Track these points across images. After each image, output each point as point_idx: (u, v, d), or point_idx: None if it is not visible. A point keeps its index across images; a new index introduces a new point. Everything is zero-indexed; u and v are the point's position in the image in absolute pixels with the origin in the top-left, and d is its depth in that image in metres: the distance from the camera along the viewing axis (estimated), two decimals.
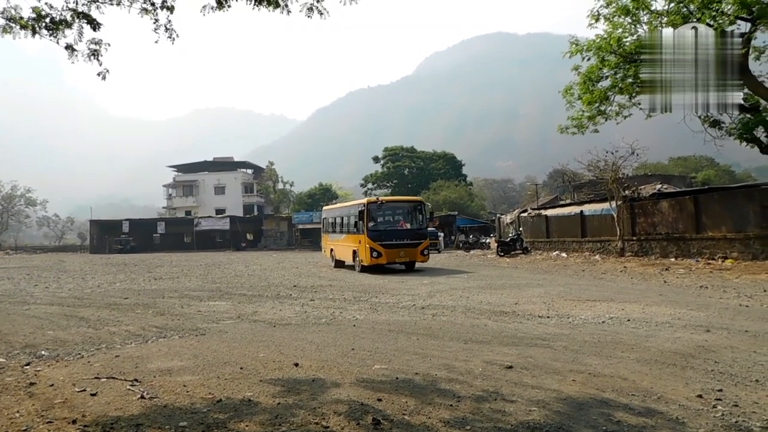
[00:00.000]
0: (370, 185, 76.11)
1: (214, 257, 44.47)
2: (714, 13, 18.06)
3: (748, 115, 20.74)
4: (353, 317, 10.59)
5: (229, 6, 7.14)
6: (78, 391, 5.73)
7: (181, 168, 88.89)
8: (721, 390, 5.33)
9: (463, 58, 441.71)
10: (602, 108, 22.24)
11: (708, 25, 18.09)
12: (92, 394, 5.60)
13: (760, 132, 20.62)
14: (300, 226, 67.37)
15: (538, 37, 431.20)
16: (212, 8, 7.11)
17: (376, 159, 78.84)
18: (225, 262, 35.74)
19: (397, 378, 5.94)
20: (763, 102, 20.09)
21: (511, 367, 6.28)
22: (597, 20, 20.67)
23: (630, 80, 21.15)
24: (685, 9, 18.84)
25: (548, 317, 10.00)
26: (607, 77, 21.44)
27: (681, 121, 21.64)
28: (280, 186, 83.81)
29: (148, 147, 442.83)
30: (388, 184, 74.53)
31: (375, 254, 21.98)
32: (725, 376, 5.84)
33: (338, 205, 31.79)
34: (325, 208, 32.16)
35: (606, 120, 22.79)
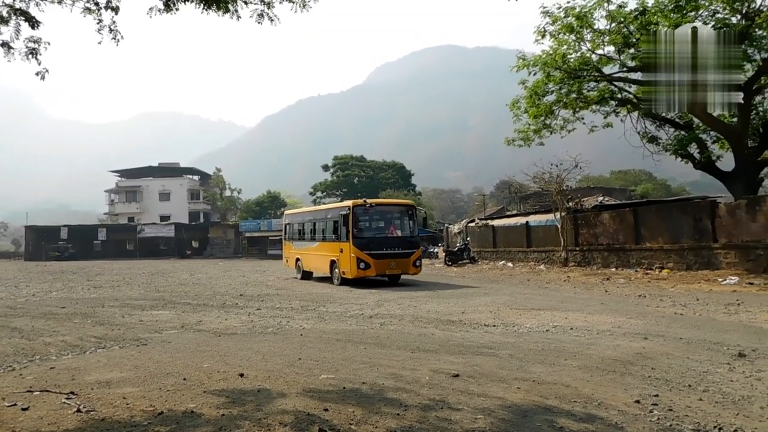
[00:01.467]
0: (319, 194, 75.83)
1: (157, 265, 43.26)
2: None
3: (682, 132, 21.75)
4: (300, 326, 10.48)
5: (177, 9, 7.00)
6: (8, 406, 5.44)
7: (125, 173, 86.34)
8: (657, 395, 5.53)
9: (414, 69, 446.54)
10: (547, 122, 22.95)
11: None
12: (23, 409, 5.33)
13: (693, 148, 21.65)
14: (248, 234, 66.39)
15: (486, 51, 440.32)
16: (159, 10, 6.96)
17: (325, 167, 78.66)
18: (169, 270, 34.81)
19: (344, 387, 5.91)
20: (696, 120, 21.10)
21: (457, 375, 6.33)
22: (543, 37, 21.31)
23: (574, 95, 21.91)
24: (625, 29, 19.63)
25: (494, 326, 10.16)
26: (552, 92, 22.13)
27: (621, 137, 22.57)
28: (227, 193, 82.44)
29: (89, 151, 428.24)
30: (337, 193, 74.42)
31: (362, 265, 19.13)
32: (661, 381, 6.06)
33: (308, 208, 28.30)
34: (287, 212, 29.08)
35: (551, 133, 23.51)
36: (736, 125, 19.84)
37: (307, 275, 24.03)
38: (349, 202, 20.02)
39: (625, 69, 20.93)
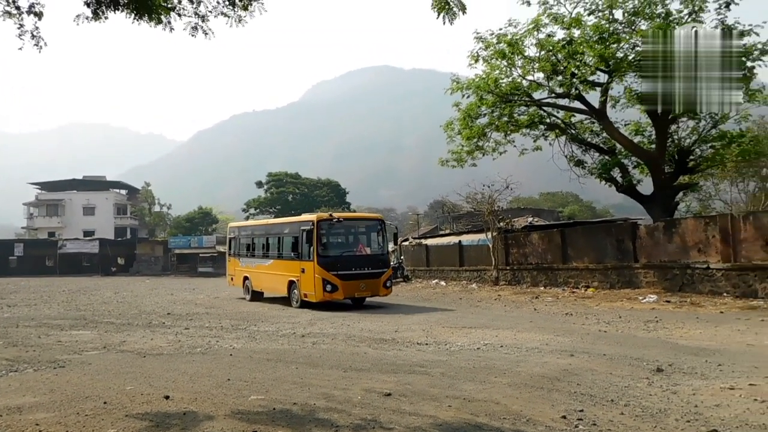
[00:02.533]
0: (252, 210, 74.58)
1: (79, 282, 41.21)
2: (578, 63, 19.80)
3: (606, 157, 22.81)
4: (230, 346, 10.21)
5: (105, 17, 6.77)
6: None
7: (46, 186, 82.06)
8: (582, 410, 5.70)
9: (350, 88, 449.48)
10: (480, 143, 23.55)
11: (573, 74, 19.84)
12: None
13: (616, 172, 22.72)
14: (177, 251, 64.33)
15: (422, 72, 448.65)
16: (87, 18, 6.72)
17: (259, 184, 77.56)
18: (92, 287, 33.22)
19: (274, 408, 5.78)
20: (618, 145, 22.19)
21: (389, 394, 6.32)
22: (476, 61, 21.95)
23: (505, 119, 22.60)
24: (554, 57, 20.49)
25: (427, 344, 10.23)
26: (485, 115, 22.75)
27: (550, 160, 23.42)
28: (156, 208, 79.80)
29: (9, 162, 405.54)
30: (271, 210, 73.45)
31: (329, 287, 17.16)
32: (586, 397, 6.26)
33: (260, 221, 26.06)
34: (233, 224, 26.58)
35: (483, 155, 24.13)
36: (654, 152, 20.98)
37: (257, 295, 21.85)
38: (312, 216, 18.13)
39: (553, 95, 21.81)
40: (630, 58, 19.94)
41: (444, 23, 6.30)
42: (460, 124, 23.13)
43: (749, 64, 18.12)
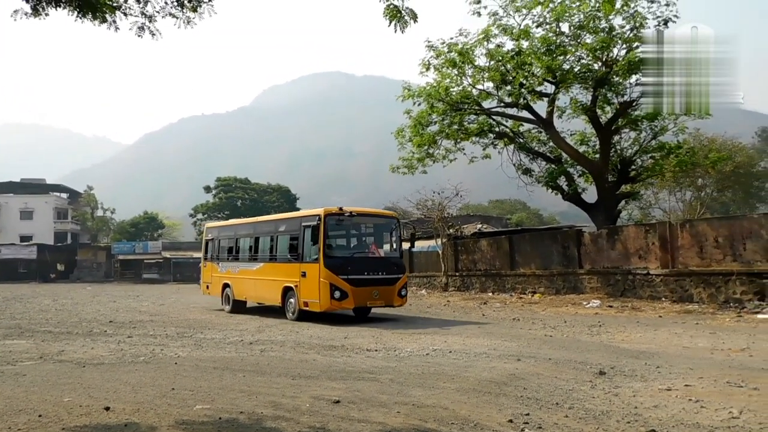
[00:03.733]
0: (200, 216, 73.13)
1: (15, 290, 39.39)
2: (526, 74, 20.31)
3: (553, 166, 23.43)
4: (175, 354, 9.95)
5: (46, 14, 6.51)
6: None
7: None
8: (528, 414, 5.80)
9: (302, 93, 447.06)
10: (430, 151, 23.80)
11: (521, 84, 20.34)
12: None
13: (562, 181, 23.36)
14: (121, 257, 62.44)
15: (375, 79, 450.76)
16: (26, 14, 6.44)
17: (207, 189, 76.16)
18: (29, 295, 31.81)
19: (220, 418, 5.66)
20: (564, 155, 22.83)
21: (338, 401, 6.28)
22: (428, 69, 22.21)
23: (455, 127, 22.92)
24: (503, 67, 20.94)
25: (376, 350, 10.22)
26: (435, 123, 23.02)
27: (499, 168, 23.87)
28: (99, 213, 77.23)
29: None
30: (219, 215, 72.22)
31: (337, 294, 14.70)
32: (532, 400, 6.37)
33: (245, 220, 22.55)
34: (211, 225, 24.15)
35: (434, 162, 24.38)
36: (598, 161, 21.68)
37: (239, 306, 19.34)
38: (319, 210, 15.53)
39: (502, 104, 22.27)
40: (576, 70, 20.58)
41: (395, 31, 6.33)
42: (411, 132, 23.35)
43: None
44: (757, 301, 15.68)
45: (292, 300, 16.17)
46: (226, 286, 19.89)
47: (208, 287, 21.64)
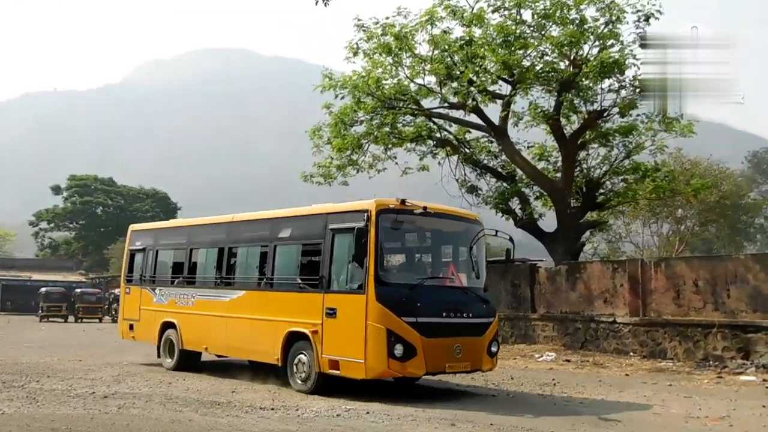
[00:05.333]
0: (44, 224, 70.35)
1: None
2: (477, 69, 20.84)
3: (504, 184, 24.06)
4: None
5: None
6: None
7: None
8: None
9: (191, 73, 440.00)
10: (354, 157, 23.80)
11: (470, 81, 20.85)
12: None
13: (515, 203, 23.97)
14: None
15: (287, 62, 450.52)
16: None
17: (57, 189, 73.54)
18: None
19: None
20: (519, 171, 23.50)
21: None
22: (355, 54, 22.36)
23: (387, 129, 23.05)
24: (449, 59, 21.41)
25: (272, 409, 10.17)
26: (362, 122, 23.11)
27: (438, 183, 24.23)
28: None
29: None
30: (71, 225, 69.79)
31: (399, 350, 11.25)
32: None
33: (206, 220, 17.72)
34: (139, 227, 20.32)
35: (358, 172, 24.41)
36: (559, 182, 22.46)
37: (190, 360, 15.89)
38: (367, 203, 12.26)
39: (446, 104, 22.68)
40: (538, 68, 21.31)
41: (317, 2, 6.46)
42: (331, 132, 23.32)
43: None
44: (740, 360, 16.63)
45: (303, 357, 12.49)
46: (167, 326, 16.27)
47: (132, 327, 17.83)
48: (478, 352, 12.38)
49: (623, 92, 21.20)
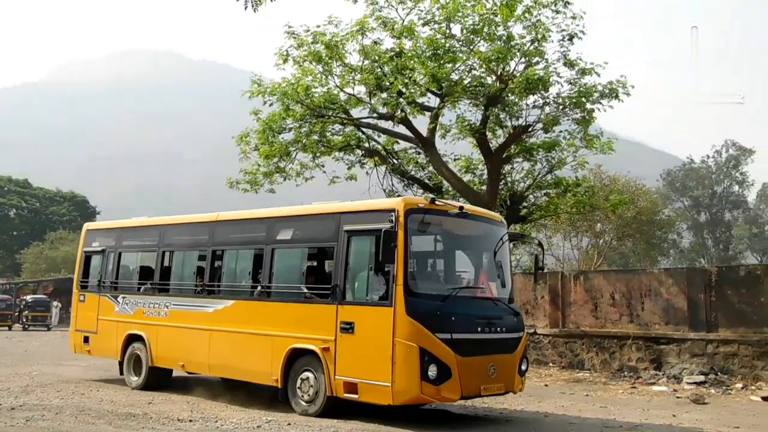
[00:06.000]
0: None
1: None
2: (406, 81, 21.01)
3: (431, 196, 24.26)
4: None
5: None
6: None
7: None
8: None
9: (117, 74, 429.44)
10: (281, 165, 23.66)
11: (399, 92, 21.03)
12: None
13: None
14: None
15: (217, 67, 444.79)
16: None
17: None
18: None
19: None
20: (446, 183, 23.79)
21: None
22: (285, 61, 22.18)
23: (315, 137, 23.02)
24: (379, 70, 21.50)
25: (191, 420, 9.95)
26: (290, 129, 22.95)
27: (366, 192, 24.22)
28: None
29: None
30: None
31: (433, 371, 10.15)
32: None
33: (182, 218, 16.20)
34: (96, 226, 19.64)
35: (285, 179, 24.27)
36: (484, 195, 22.75)
37: (160, 377, 14.60)
38: (392, 201, 11.78)
39: (375, 115, 22.77)
40: (466, 82, 21.62)
41: (246, 7, 6.36)
42: (259, 138, 23.07)
43: (588, 106, 20.70)
44: (653, 371, 17.25)
45: (309, 375, 11.26)
46: (133, 339, 14.88)
47: (87, 340, 16.25)
48: (510, 372, 11.46)
49: (547, 108, 21.59)
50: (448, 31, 21.47)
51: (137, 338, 14.66)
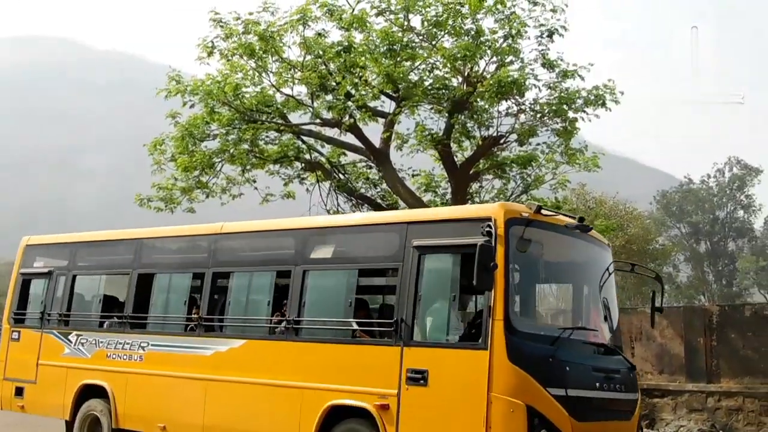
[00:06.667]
0: None
1: None
2: (356, 81, 20.92)
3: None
4: None
5: None
6: None
7: None
8: None
9: (3, 64, 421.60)
10: (204, 179, 23.24)
11: (348, 94, 20.89)
12: None
13: None
14: None
15: (125, 59, 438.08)
16: None
17: None
18: None
19: None
20: (402, 203, 23.71)
21: None
22: (210, 54, 21.93)
23: (246, 146, 22.69)
24: (323, 67, 21.38)
25: None
26: (215, 136, 22.62)
27: (306, 213, 24.08)
28: None
29: None
30: None
31: None
32: None
33: (174, 230, 14.75)
34: (40, 240, 17.07)
35: (207, 197, 23.83)
36: None
37: None
38: (485, 209, 10.81)
39: (318, 121, 22.57)
40: (427, 84, 21.60)
41: None
42: (176, 147, 22.59)
43: (570, 114, 20.82)
44: (645, 429, 17.34)
45: None
46: (90, 393, 13.61)
47: (21, 392, 14.84)
48: None
49: (522, 117, 21.66)
50: (406, 23, 21.39)
51: (96, 391, 13.37)
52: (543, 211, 10.13)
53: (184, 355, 12.48)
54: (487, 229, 9.21)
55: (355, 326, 10.55)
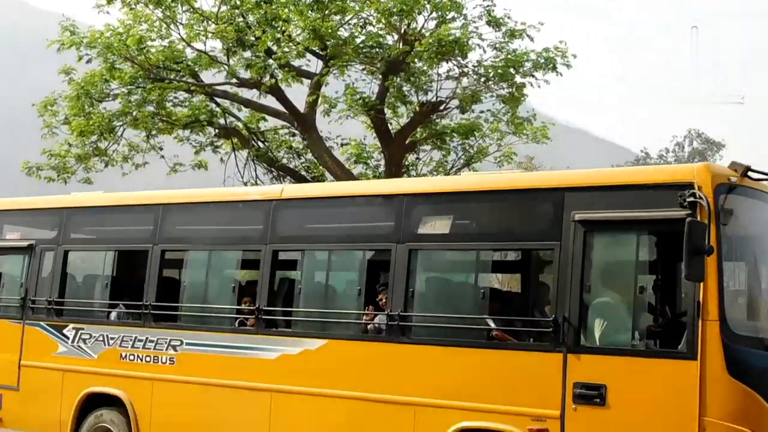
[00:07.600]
0: None
1: None
2: (279, 36, 20.77)
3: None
4: None
5: None
6: None
7: None
8: None
9: None
10: (103, 145, 22.92)
11: (268, 51, 20.76)
12: None
13: None
14: None
15: (9, 5, 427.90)
16: None
17: None
18: None
19: None
20: (329, 175, 23.69)
21: None
22: (111, 2, 21.58)
23: (151, 108, 22.41)
24: (241, 19, 21.19)
25: None
26: (116, 96, 22.30)
27: (221, 185, 23.92)
28: None
29: None
30: None
31: None
32: None
33: (212, 193, 13.49)
34: (5, 205, 15.01)
35: (107, 166, 23.52)
36: None
37: None
38: (681, 169, 9.17)
39: (235, 81, 22.40)
40: (358, 41, 21.51)
41: None
42: (71, 108, 22.25)
43: (518, 79, 20.97)
44: None
45: None
46: (99, 403, 12.02)
47: None
48: None
49: (465, 80, 21.65)
50: None
51: (107, 401, 11.85)
52: (750, 173, 8.35)
53: (237, 358, 10.92)
54: (691, 198, 7.67)
55: (492, 325, 9.23)
